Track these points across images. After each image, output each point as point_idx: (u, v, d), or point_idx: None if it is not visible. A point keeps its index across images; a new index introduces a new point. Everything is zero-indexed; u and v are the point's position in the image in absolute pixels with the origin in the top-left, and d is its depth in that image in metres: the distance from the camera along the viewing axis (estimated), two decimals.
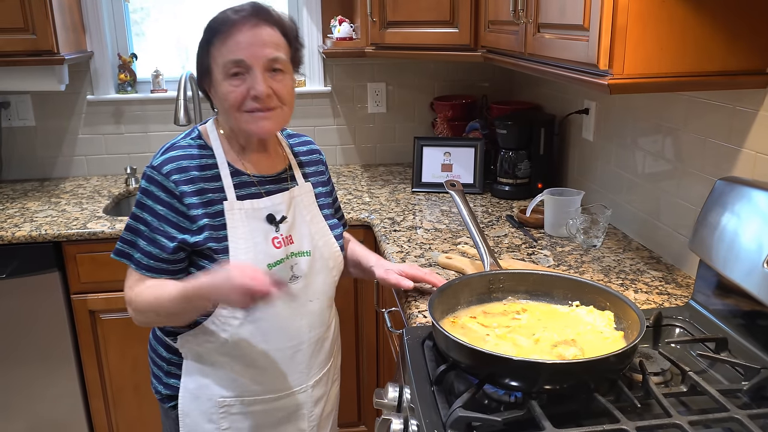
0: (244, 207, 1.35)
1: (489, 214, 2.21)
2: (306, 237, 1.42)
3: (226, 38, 1.27)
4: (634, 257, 1.78)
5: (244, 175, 1.38)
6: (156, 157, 1.33)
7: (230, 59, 1.27)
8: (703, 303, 1.43)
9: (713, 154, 1.54)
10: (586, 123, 2.18)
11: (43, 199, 2.49)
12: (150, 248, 1.31)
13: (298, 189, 1.45)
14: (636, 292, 1.57)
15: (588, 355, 1.14)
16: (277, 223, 1.38)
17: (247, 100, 1.29)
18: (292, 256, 1.39)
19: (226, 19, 1.28)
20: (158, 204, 1.31)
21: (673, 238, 1.73)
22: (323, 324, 1.48)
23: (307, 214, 1.44)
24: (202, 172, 1.33)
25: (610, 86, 1.29)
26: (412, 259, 1.81)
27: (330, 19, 2.69)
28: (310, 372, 1.47)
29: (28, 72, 2.44)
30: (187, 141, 1.37)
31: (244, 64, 1.27)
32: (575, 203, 1.92)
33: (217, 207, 1.33)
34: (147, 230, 1.31)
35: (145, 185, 1.32)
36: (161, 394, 1.46)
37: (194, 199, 1.31)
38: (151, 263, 1.32)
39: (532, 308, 1.33)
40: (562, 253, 1.83)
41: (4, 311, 2.18)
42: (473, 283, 1.37)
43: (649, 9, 1.26)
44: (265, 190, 1.39)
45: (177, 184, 1.30)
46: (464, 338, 1.11)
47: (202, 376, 1.40)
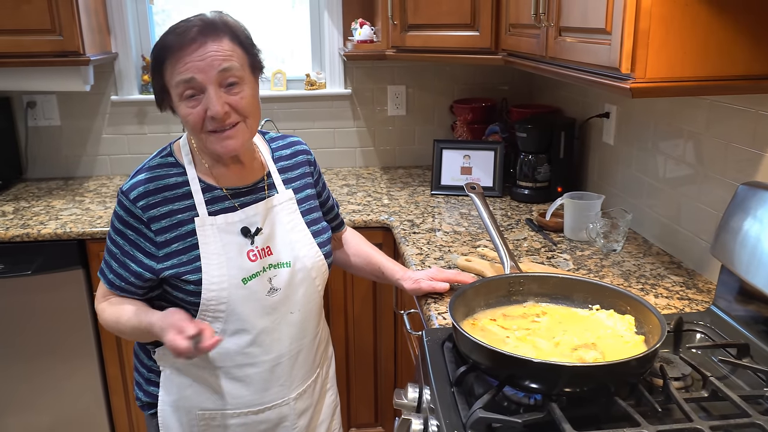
0: (217, 222, 1.32)
1: (508, 218, 2.21)
2: (286, 247, 1.39)
3: (176, 60, 1.22)
4: (654, 262, 1.78)
5: (216, 189, 1.35)
6: (127, 181, 1.33)
7: (181, 79, 1.22)
8: (724, 308, 1.42)
9: (736, 159, 1.53)
10: (607, 127, 2.17)
11: (68, 198, 2.54)
12: (120, 270, 1.33)
13: (277, 198, 1.41)
14: (656, 297, 1.56)
15: (608, 358, 1.14)
16: (252, 236, 1.35)
17: (206, 121, 1.25)
18: (270, 268, 1.36)
19: (173, 40, 1.22)
20: (128, 228, 1.32)
21: (695, 243, 1.72)
22: (305, 336, 1.45)
23: (287, 223, 1.41)
24: (172, 191, 1.32)
25: (632, 90, 1.28)
26: (431, 261, 1.82)
27: (351, 22, 2.71)
28: (292, 385, 1.44)
29: (54, 72, 2.48)
30: (157, 160, 1.35)
31: (196, 83, 1.22)
32: (595, 207, 1.92)
33: (188, 226, 1.31)
34: (119, 253, 1.33)
35: (116, 209, 1.33)
36: (141, 400, 1.47)
37: (163, 223, 1.30)
38: (123, 284, 1.34)
39: (552, 311, 1.33)
40: (582, 257, 1.83)
41: (28, 307, 2.22)
42: (493, 285, 1.37)
43: (672, 12, 1.26)
44: (239, 203, 1.36)
45: (144, 209, 1.29)
46: (484, 340, 1.12)
47: (182, 389, 1.39)
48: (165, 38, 1.25)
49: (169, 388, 1.40)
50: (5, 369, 2.27)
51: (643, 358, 1.06)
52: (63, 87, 2.55)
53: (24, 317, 2.23)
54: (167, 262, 1.31)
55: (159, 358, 1.40)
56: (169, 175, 1.33)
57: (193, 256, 1.31)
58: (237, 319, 1.34)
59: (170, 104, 1.30)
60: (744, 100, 1.49)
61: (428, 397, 1.20)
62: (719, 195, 1.59)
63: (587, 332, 1.24)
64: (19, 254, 2.17)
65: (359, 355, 2.39)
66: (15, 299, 2.21)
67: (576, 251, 1.88)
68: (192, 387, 1.39)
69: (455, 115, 2.83)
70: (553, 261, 1.80)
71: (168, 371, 1.40)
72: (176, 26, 1.25)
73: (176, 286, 1.32)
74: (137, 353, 1.48)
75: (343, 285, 2.29)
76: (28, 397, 2.31)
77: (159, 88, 1.29)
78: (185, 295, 1.32)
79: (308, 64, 2.93)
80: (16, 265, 2.17)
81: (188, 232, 1.32)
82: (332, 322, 2.34)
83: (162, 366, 1.40)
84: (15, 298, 2.21)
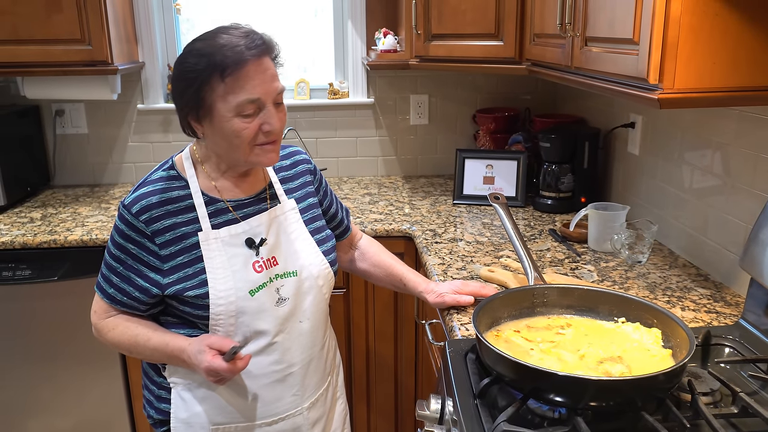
0: (221, 235, 1.33)
1: (531, 228, 2.19)
2: (291, 257, 1.39)
3: (239, 77, 1.22)
4: (680, 274, 1.75)
5: (219, 202, 1.35)
6: (129, 195, 1.32)
7: (246, 99, 1.23)
8: (753, 322, 1.40)
9: (765, 170, 1.50)
10: (632, 137, 2.15)
11: (94, 204, 2.57)
12: (123, 285, 1.32)
13: (279, 207, 1.41)
14: (683, 310, 1.54)
15: (635, 372, 1.12)
16: (256, 247, 1.35)
17: (258, 135, 1.27)
18: (276, 278, 1.36)
19: (237, 54, 1.21)
20: (130, 243, 1.31)
21: (722, 255, 1.69)
22: (315, 344, 1.45)
23: (291, 232, 1.41)
24: (175, 204, 1.32)
25: (660, 101, 1.27)
26: (453, 271, 1.81)
27: (374, 31, 2.72)
28: (305, 394, 1.44)
29: (82, 81, 2.53)
30: (159, 174, 1.35)
31: (260, 102, 1.25)
32: (620, 218, 1.90)
33: (192, 239, 1.32)
34: (121, 267, 1.32)
35: (117, 222, 1.33)
36: (153, 418, 1.45)
37: (167, 236, 1.30)
38: (125, 299, 1.33)
39: (576, 323, 1.32)
40: (606, 268, 1.81)
41: (54, 312, 2.25)
42: (517, 296, 1.36)
43: (701, 23, 1.24)
44: (242, 214, 1.37)
45: (147, 223, 1.29)
46: (508, 352, 1.11)
47: (194, 405, 1.38)
48: (220, 53, 1.21)
49: (181, 404, 1.39)
50: (30, 372, 2.31)
51: (671, 372, 1.04)
52: (91, 96, 2.59)
53: (49, 322, 2.26)
54: (173, 276, 1.31)
55: (170, 374, 1.39)
56: (172, 188, 1.33)
57: (198, 269, 1.31)
58: (249, 331, 1.34)
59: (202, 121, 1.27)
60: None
61: (451, 408, 1.20)
62: (748, 207, 1.57)
63: (613, 345, 1.22)
64: (45, 260, 2.20)
65: (380, 366, 2.38)
66: (41, 304, 2.24)
67: (600, 262, 1.85)
68: (204, 402, 1.38)
69: (478, 124, 2.82)
70: (577, 272, 1.78)
71: (179, 387, 1.39)
72: (231, 43, 1.22)
73: (183, 300, 1.32)
74: (146, 371, 1.47)
75: (364, 295, 2.29)
76: (52, 400, 2.34)
77: (199, 103, 1.24)
78: (193, 309, 1.32)
79: (331, 74, 2.95)
80: (43, 270, 2.20)
81: (192, 245, 1.32)
82: (353, 332, 2.33)
83: (172, 383, 1.39)
84: (41, 303, 2.24)
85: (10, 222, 2.35)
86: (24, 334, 2.27)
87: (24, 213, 2.47)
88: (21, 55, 2.32)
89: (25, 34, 2.30)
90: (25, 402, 2.33)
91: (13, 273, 2.19)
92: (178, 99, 1.29)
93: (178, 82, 1.27)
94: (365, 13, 2.80)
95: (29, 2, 2.28)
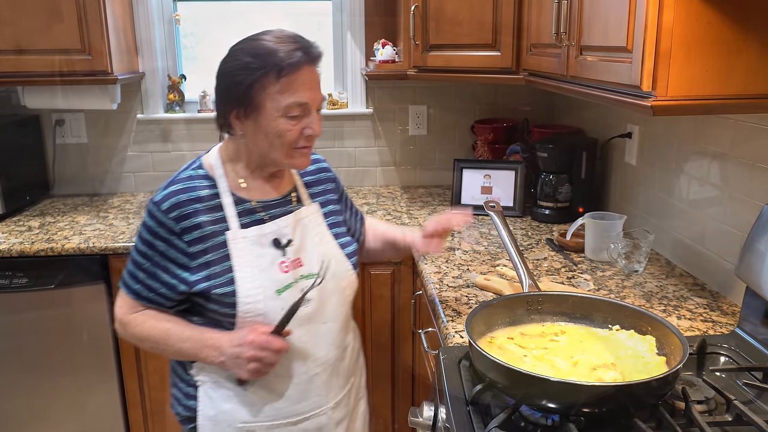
0: (249, 235, 1.34)
1: (528, 237, 2.19)
2: (316, 258, 1.41)
3: (293, 79, 1.27)
4: (677, 283, 1.74)
5: (247, 202, 1.38)
6: (158, 192, 1.34)
7: (296, 101, 1.28)
8: (749, 332, 1.39)
9: (762, 180, 1.50)
10: (629, 147, 2.16)
11: (92, 213, 2.57)
12: (150, 282, 1.34)
13: (305, 210, 1.44)
14: (679, 319, 1.53)
15: (628, 379, 1.11)
16: (283, 247, 1.37)
17: (300, 139, 1.32)
18: (301, 279, 1.38)
19: (294, 57, 1.26)
20: (158, 240, 1.32)
21: (719, 265, 1.68)
22: (339, 345, 1.46)
23: (315, 235, 1.43)
24: (203, 203, 1.33)
25: (653, 108, 1.27)
26: (450, 280, 1.81)
27: (373, 42, 2.74)
28: (329, 394, 1.45)
29: (83, 91, 2.54)
30: (188, 173, 1.37)
31: (307, 107, 1.30)
32: (617, 227, 1.90)
33: (219, 238, 1.33)
34: (148, 264, 1.33)
35: (146, 220, 1.34)
36: (181, 415, 1.47)
37: (195, 234, 1.32)
38: (151, 296, 1.34)
39: (570, 330, 1.31)
40: (603, 277, 1.81)
41: (51, 320, 2.25)
42: (511, 303, 1.36)
43: (693, 31, 1.25)
44: (269, 215, 1.39)
45: (176, 221, 1.31)
46: (501, 358, 1.11)
47: (221, 403, 1.39)
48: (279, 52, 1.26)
49: (208, 402, 1.40)
50: (26, 381, 2.30)
51: (664, 379, 1.03)
52: (91, 105, 2.60)
53: (46, 330, 2.25)
54: (200, 273, 1.32)
55: (197, 372, 1.40)
56: (201, 187, 1.35)
57: (226, 268, 1.32)
58: None
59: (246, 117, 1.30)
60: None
61: (443, 415, 1.19)
62: (744, 216, 1.56)
63: (607, 352, 1.22)
64: (42, 268, 2.20)
65: (377, 375, 2.37)
66: (38, 313, 2.23)
67: (597, 272, 1.85)
68: (231, 400, 1.39)
69: (476, 135, 2.83)
70: (574, 281, 1.78)
71: (206, 386, 1.40)
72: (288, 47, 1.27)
73: (210, 297, 1.32)
74: (174, 368, 1.48)
75: (361, 304, 2.28)
76: (48, 410, 2.33)
77: (249, 98, 1.27)
78: (220, 307, 1.33)
79: (330, 84, 2.96)
80: (40, 278, 2.20)
81: (219, 244, 1.33)
82: None
83: (200, 381, 1.40)
84: (38, 311, 2.23)
85: (8, 230, 2.36)
86: (20, 343, 2.26)
87: (22, 221, 2.47)
88: (23, 65, 2.34)
89: (26, 44, 2.32)
90: (21, 411, 2.32)
91: (10, 281, 2.19)
92: (223, 94, 1.32)
93: (226, 78, 1.30)
94: (364, 25, 2.82)
95: (31, 13, 2.30)
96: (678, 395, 1.15)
